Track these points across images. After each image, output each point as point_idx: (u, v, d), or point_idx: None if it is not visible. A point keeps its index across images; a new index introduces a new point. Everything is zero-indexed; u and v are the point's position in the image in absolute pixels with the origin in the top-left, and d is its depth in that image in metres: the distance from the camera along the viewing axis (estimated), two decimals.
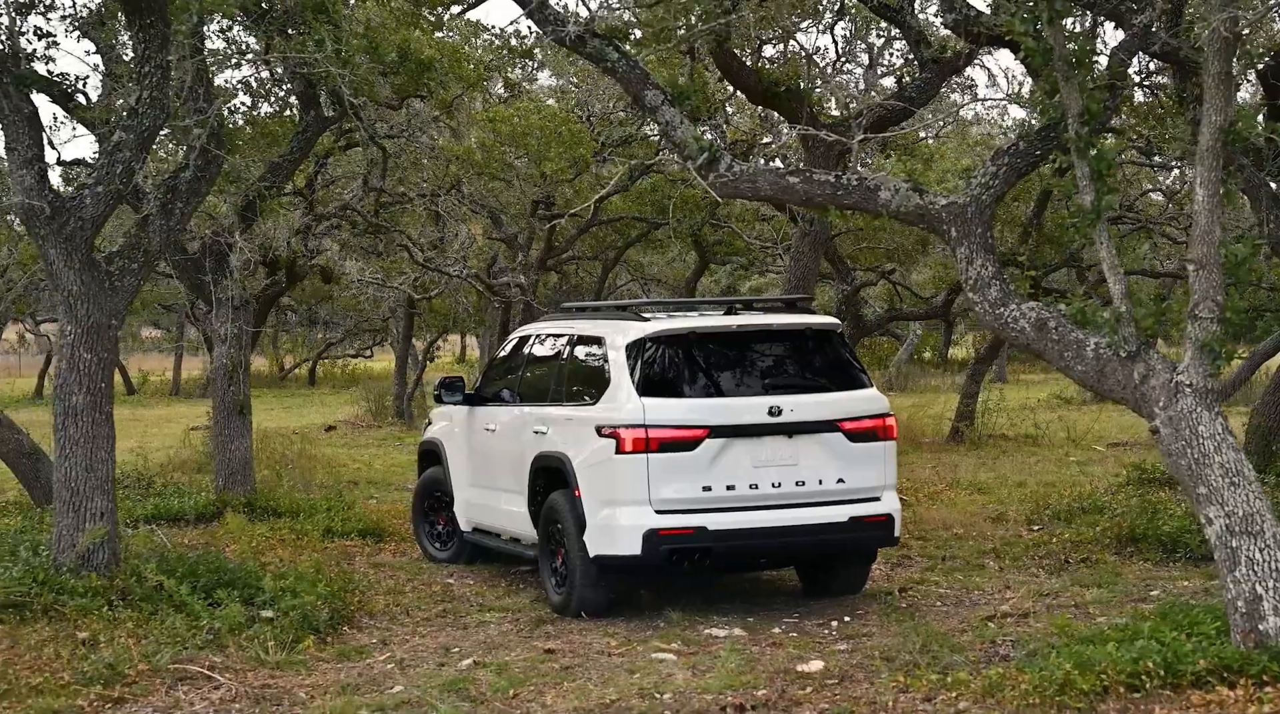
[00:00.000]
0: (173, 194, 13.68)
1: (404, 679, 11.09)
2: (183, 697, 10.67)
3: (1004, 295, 10.70)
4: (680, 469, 12.54)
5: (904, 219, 11.42)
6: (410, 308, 36.01)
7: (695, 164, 11.61)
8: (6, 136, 13.00)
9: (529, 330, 15.38)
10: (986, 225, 10.98)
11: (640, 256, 37.97)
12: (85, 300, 13.04)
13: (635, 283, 38.91)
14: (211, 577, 12.95)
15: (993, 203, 11.03)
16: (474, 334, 49.42)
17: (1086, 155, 9.67)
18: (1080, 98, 9.64)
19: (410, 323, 37.66)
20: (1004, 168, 11.05)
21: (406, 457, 27.88)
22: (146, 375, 58.01)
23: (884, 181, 11.35)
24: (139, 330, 72.90)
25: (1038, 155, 11.17)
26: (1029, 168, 11.35)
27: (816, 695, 10.03)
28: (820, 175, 11.51)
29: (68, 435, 13.11)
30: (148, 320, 66.82)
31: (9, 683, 10.60)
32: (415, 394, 36.69)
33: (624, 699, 10.28)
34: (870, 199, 11.33)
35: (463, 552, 15.80)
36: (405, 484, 23.02)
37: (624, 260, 36.50)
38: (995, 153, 11.21)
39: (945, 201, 11.03)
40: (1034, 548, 15.59)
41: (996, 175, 11.04)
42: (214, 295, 19.01)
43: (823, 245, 19.40)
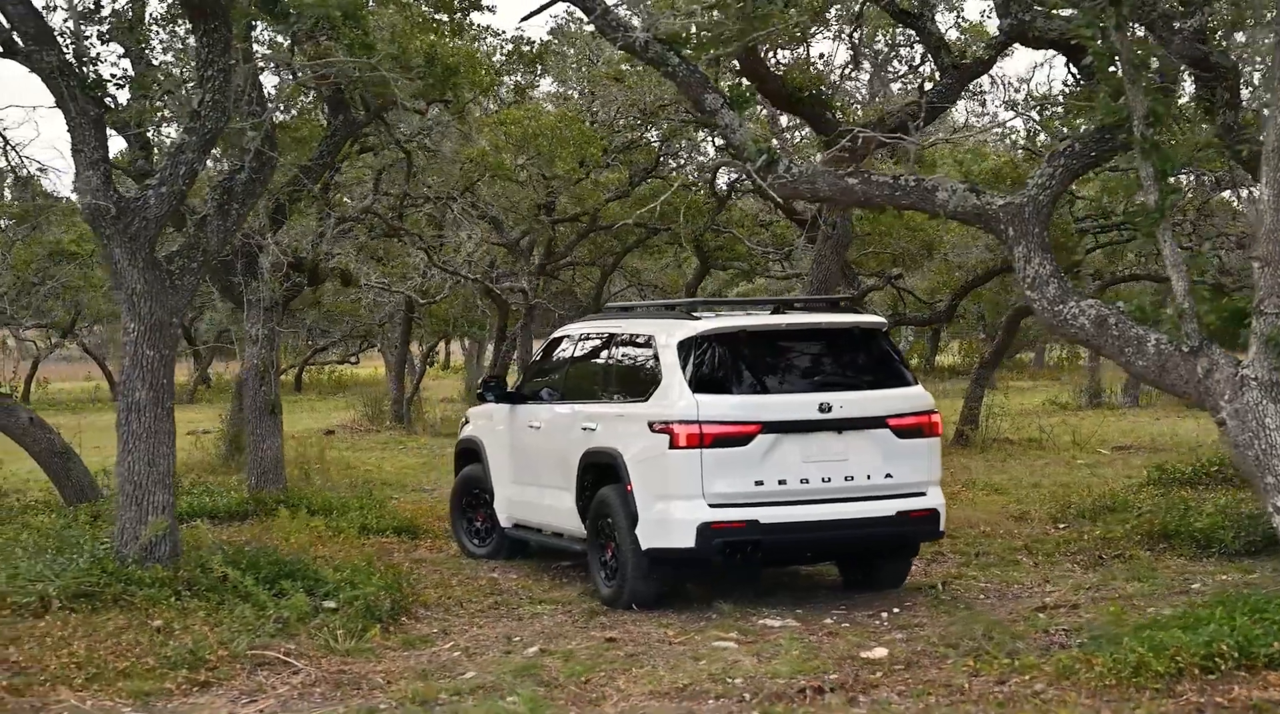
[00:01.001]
0: (228, 195, 13.95)
1: (473, 666, 11.38)
2: (264, 681, 10.96)
3: (1062, 293, 11.04)
4: (733, 464, 12.85)
5: (960, 219, 11.76)
6: (409, 312, 36.27)
7: (754, 166, 11.92)
8: (74, 139, 13.25)
9: (570, 330, 15.68)
10: (1043, 225, 11.33)
11: (637, 262, 38.27)
12: (148, 298, 13.30)
13: (632, 288, 39.15)
14: (272, 569, 13.24)
15: (1050, 203, 11.38)
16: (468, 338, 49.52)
17: (1151, 156, 10.01)
18: (1145, 100, 9.99)
19: (408, 328, 37.90)
20: (1060, 168, 11.40)
21: (414, 459, 28.20)
22: None
23: (941, 182, 11.68)
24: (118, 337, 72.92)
25: (1093, 156, 11.52)
26: (1084, 168, 11.70)
27: (888, 680, 10.35)
28: (878, 176, 11.85)
29: (131, 430, 13.36)
30: None
31: (97, 668, 10.88)
32: (414, 398, 36.94)
33: (696, 684, 10.57)
34: (927, 199, 11.67)
35: (502, 547, 16.09)
36: (423, 486, 23.31)
37: (620, 266, 36.79)
38: (1051, 154, 11.56)
39: (1002, 202, 11.37)
40: (1064, 545, 15.93)
41: (1053, 176, 11.38)
42: (245, 297, 19.27)
43: (845, 248, 19.73)
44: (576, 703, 10.30)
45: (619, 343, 14.28)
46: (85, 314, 46.41)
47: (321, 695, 10.67)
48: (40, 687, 10.59)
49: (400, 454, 29.58)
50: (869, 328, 13.72)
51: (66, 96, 13.16)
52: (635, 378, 13.82)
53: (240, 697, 10.64)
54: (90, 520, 16.48)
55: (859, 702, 9.78)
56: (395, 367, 38.31)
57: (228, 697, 10.64)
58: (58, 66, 13.10)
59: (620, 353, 14.21)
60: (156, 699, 10.51)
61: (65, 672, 10.82)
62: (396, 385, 37.40)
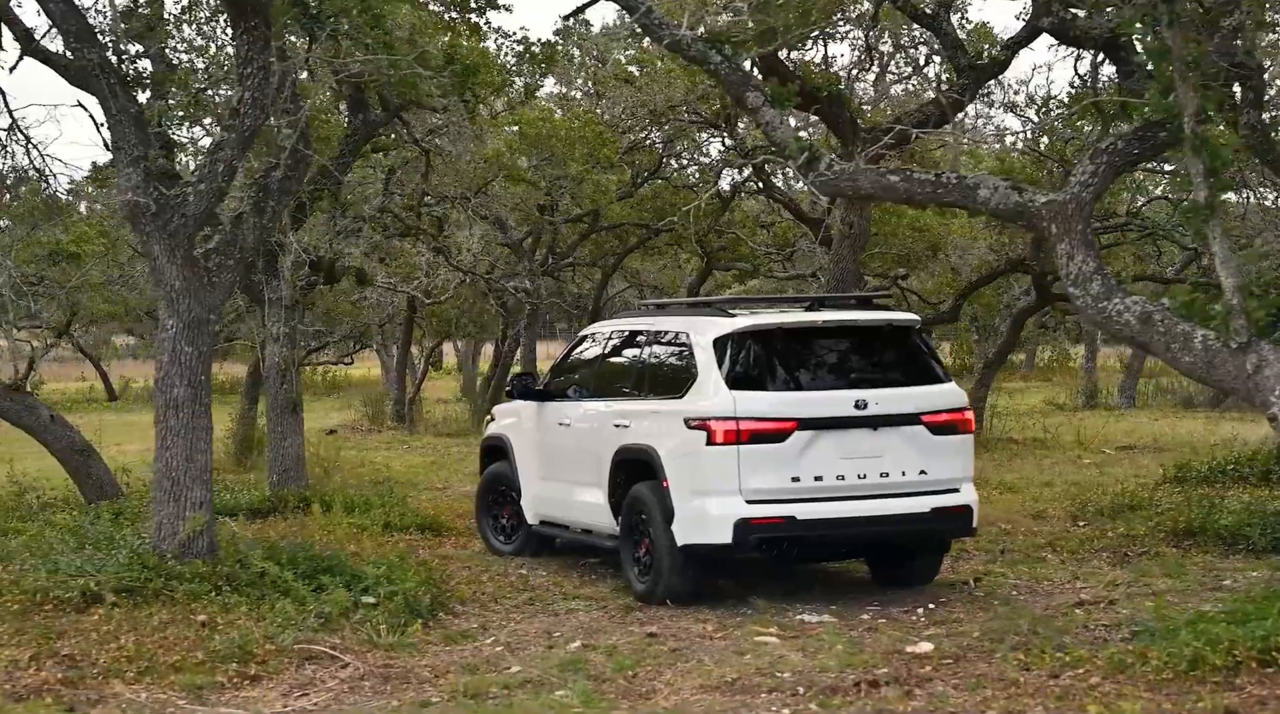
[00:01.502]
0: (264, 193, 14.02)
1: (517, 661, 11.44)
2: (313, 675, 11.02)
3: (1106, 289, 11.12)
4: (770, 460, 12.93)
5: (1002, 216, 11.85)
6: (411, 313, 36.30)
7: (796, 163, 12.00)
8: (114, 136, 13.32)
9: (599, 328, 15.77)
10: (1087, 222, 11.41)
11: (636, 263, 38.34)
12: (186, 296, 13.35)
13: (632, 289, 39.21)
14: (309, 564, 13.29)
15: (1092, 200, 11.47)
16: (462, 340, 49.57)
17: (1201, 152, 10.10)
18: (1195, 97, 10.09)
19: (410, 328, 37.94)
20: (1103, 166, 11.47)
21: (421, 459, 28.25)
22: (128, 381, 58.10)
23: (983, 179, 11.77)
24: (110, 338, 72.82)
25: (1135, 154, 11.61)
26: (1126, 166, 11.80)
27: (939, 673, 10.43)
28: (920, 174, 11.93)
29: (169, 427, 13.42)
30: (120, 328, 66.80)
31: (148, 661, 10.93)
32: (416, 398, 36.98)
33: (745, 678, 10.65)
34: (969, 196, 11.75)
35: (528, 545, 16.15)
36: (435, 485, 23.36)
37: (620, 267, 36.88)
38: (1094, 151, 11.63)
39: (1045, 199, 11.46)
40: (1088, 542, 16.02)
41: (1096, 173, 11.46)
42: (266, 295, 19.32)
43: (862, 247, 19.84)
44: (626, 697, 10.37)
45: (652, 340, 14.35)
46: (81, 315, 46.32)
47: (371, 689, 10.73)
48: (93, 680, 10.65)
49: (406, 453, 29.63)
50: (902, 325, 13.82)
51: (107, 93, 13.21)
52: (670, 375, 13.90)
53: (291, 690, 10.70)
54: (113, 517, 16.51)
55: (915, 695, 9.86)
56: (397, 367, 38.34)
57: (278, 690, 10.70)
58: (99, 63, 13.16)
59: (653, 350, 14.28)
60: (209, 692, 10.56)
61: (116, 665, 10.87)
62: (398, 386, 37.43)
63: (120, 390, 55.41)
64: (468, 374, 50.22)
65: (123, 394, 54.77)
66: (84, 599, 12.43)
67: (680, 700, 10.17)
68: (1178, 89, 10.13)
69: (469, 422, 35.66)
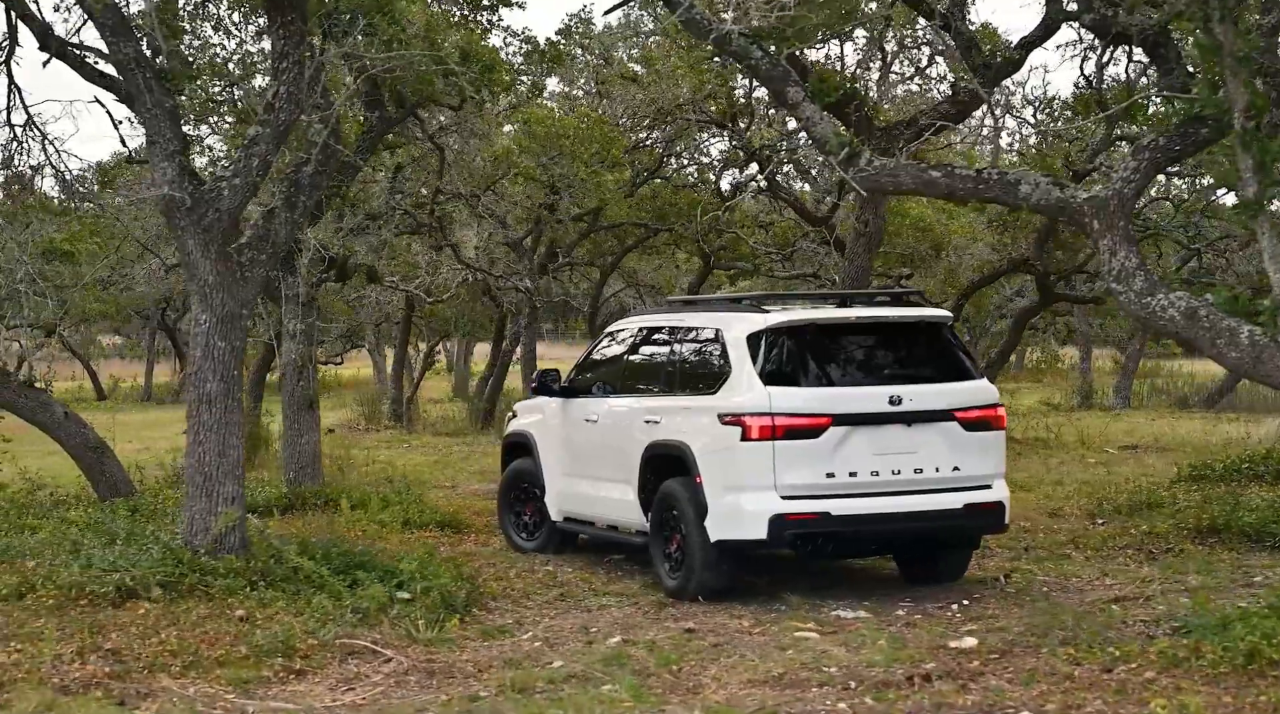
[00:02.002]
0: (295, 188, 14.01)
1: (558, 655, 11.43)
2: (357, 669, 11.01)
3: (1150, 285, 11.15)
4: (805, 456, 12.95)
5: (1043, 212, 11.88)
6: (409, 312, 36.28)
7: (837, 159, 12.02)
8: (149, 130, 13.31)
9: (625, 324, 15.76)
10: (1129, 218, 11.44)
11: (635, 263, 38.36)
12: (220, 290, 13.34)
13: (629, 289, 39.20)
14: (341, 560, 13.28)
15: (1135, 196, 11.51)
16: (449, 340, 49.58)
17: (1251, 147, 10.13)
18: (1245, 92, 10.12)
19: (408, 328, 37.92)
20: (1145, 162, 11.51)
21: (424, 457, 28.21)
22: (117, 381, 58.02)
23: (1024, 175, 11.80)
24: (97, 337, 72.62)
25: (1178, 150, 11.64)
26: (1169, 162, 11.83)
27: (990, 667, 10.45)
28: (962, 169, 11.96)
29: (201, 422, 13.40)
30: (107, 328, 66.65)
31: (192, 656, 10.91)
32: (414, 398, 36.97)
33: (791, 672, 10.65)
34: (1011, 192, 11.78)
35: (551, 541, 16.14)
36: (444, 483, 23.32)
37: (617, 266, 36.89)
38: (1136, 147, 11.67)
39: (1087, 195, 11.49)
40: (1110, 540, 16.06)
41: (1138, 169, 11.50)
42: (283, 292, 19.29)
43: (878, 246, 19.86)
44: (674, 691, 10.37)
45: (682, 336, 14.35)
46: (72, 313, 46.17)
47: (417, 684, 10.72)
48: (138, 674, 10.62)
49: (407, 452, 29.59)
50: (935, 321, 13.85)
51: (143, 88, 13.21)
52: (702, 370, 13.90)
53: (338, 684, 10.69)
54: (129, 514, 16.47)
55: (969, 689, 9.88)
56: (394, 366, 38.32)
57: (325, 684, 10.69)
58: (134, 58, 13.14)
59: (684, 346, 14.28)
60: (256, 687, 10.54)
61: (160, 660, 10.84)
62: (395, 385, 37.42)
63: (109, 390, 55.30)
64: (459, 374, 50.27)
65: (112, 394, 54.66)
66: (119, 594, 12.42)
67: (729, 695, 10.17)
68: (1228, 84, 10.16)
69: (466, 421, 35.70)
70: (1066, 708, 9.27)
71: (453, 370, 55.42)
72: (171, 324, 51.12)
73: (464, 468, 25.90)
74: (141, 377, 57.18)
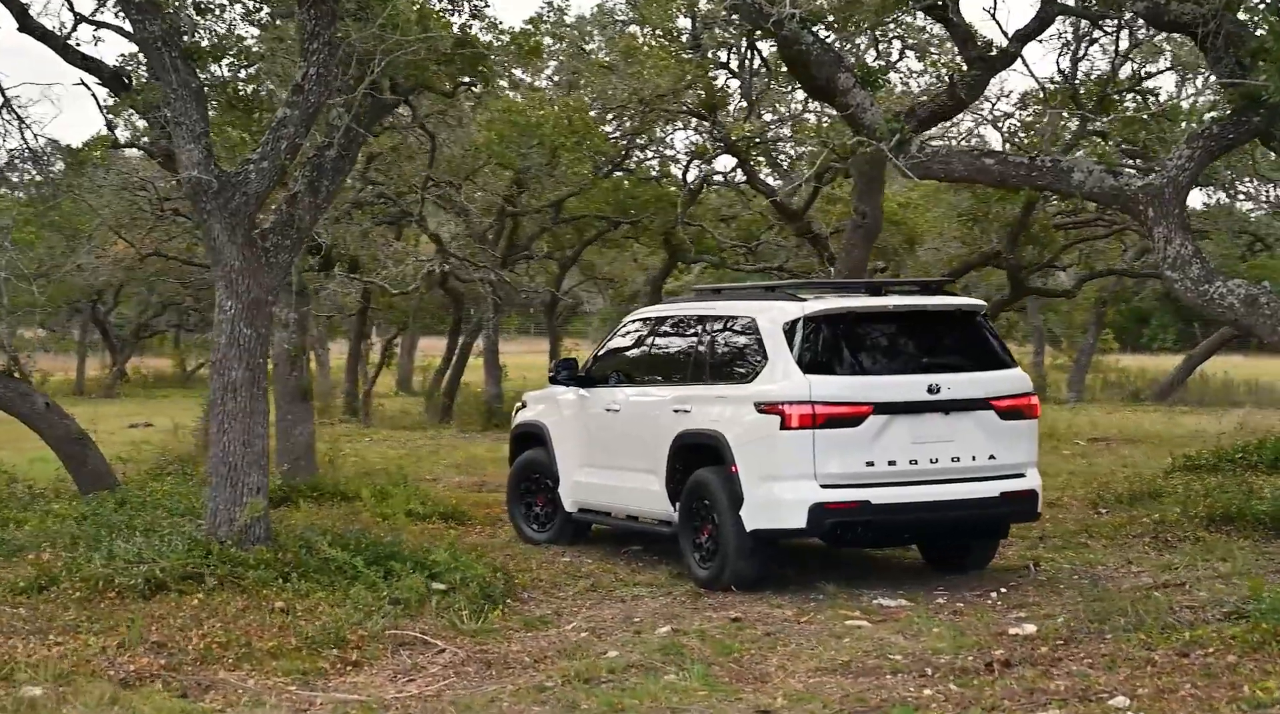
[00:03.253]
0: (318, 173, 13.78)
1: (610, 646, 11.27)
2: (413, 660, 10.84)
3: (1206, 273, 11.14)
4: (845, 444, 12.85)
5: (1096, 200, 11.84)
6: (365, 304, 35.93)
7: (888, 145, 11.92)
8: (174, 111, 13.05)
9: (647, 313, 15.61)
10: (1183, 205, 11.42)
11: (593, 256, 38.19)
12: (246, 276, 13.10)
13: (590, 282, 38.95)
14: (371, 551, 13.06)
15: (1189, 184, 11.49)
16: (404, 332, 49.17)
17: None
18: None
19: (364, 320, 37.57)
20: (1199, 150, 11.49)
21: (394, 451, 27.91)
22: (46, 376, 57.12)
23: (1077, 163, 11.78)
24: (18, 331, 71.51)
25: (1230, 139, 11.62)
26: (1221, 150, 11.81)
27: (1061, 653, 10.37)
28: (1014, 157, 11.90)
29: (225, 410, 13.15)
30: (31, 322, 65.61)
31: (243, 648, 10.69)
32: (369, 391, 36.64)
33: (856, 660, 10.56)
34: (1063, 180, 11.74)
35: (564, 533, 15.96)
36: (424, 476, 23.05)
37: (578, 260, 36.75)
38: (1189, 135, 11.65)
39: (1142, 182, 11.47)
40: (1121, 528, 16.03)
41: (1192, 158, 11.48)
42: None
43: (874, 238, 19.79)
44: (741, 679, 10.25)
45: (712, 325, 14.18)
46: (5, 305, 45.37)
47: (476, 675, 10.54)
48: (190, 666, 10.39)
49: (373, 447, 29.28)
50: (969, 310, 13.79)
51: (169, 67, 12.97)
52: (736, 359, 13.77)
53: (396, 676, 10.50)
54: (117, 506, 16.15)
55: (1053, 674, 9.80)
56: (349, 360, 37.99)
57: (384, 675, 10.50)
58: (160, 36, 12.88)
59: (715, 335, 14.10)
60: (315, 678, 10.34)
61: (211, 652, 10.63)
62: (350, 378, 37.08)
63: (39, 384, 54.38)
64: (403, 369, 49.85)
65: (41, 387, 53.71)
66: (148, 586, 12.16)
67: (804, 684, 10.05)
68: None
69: (423, 416, 35.45)
70: (1159, 693, 9.20)
71: (395, 365, 54.89)
72: (103, 317, 50.44)
73: (438, 462, 25.63)
74: (73, 371, 56.42)
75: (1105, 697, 9.19)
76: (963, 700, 9.31)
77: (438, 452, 27.60)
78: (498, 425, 32.69)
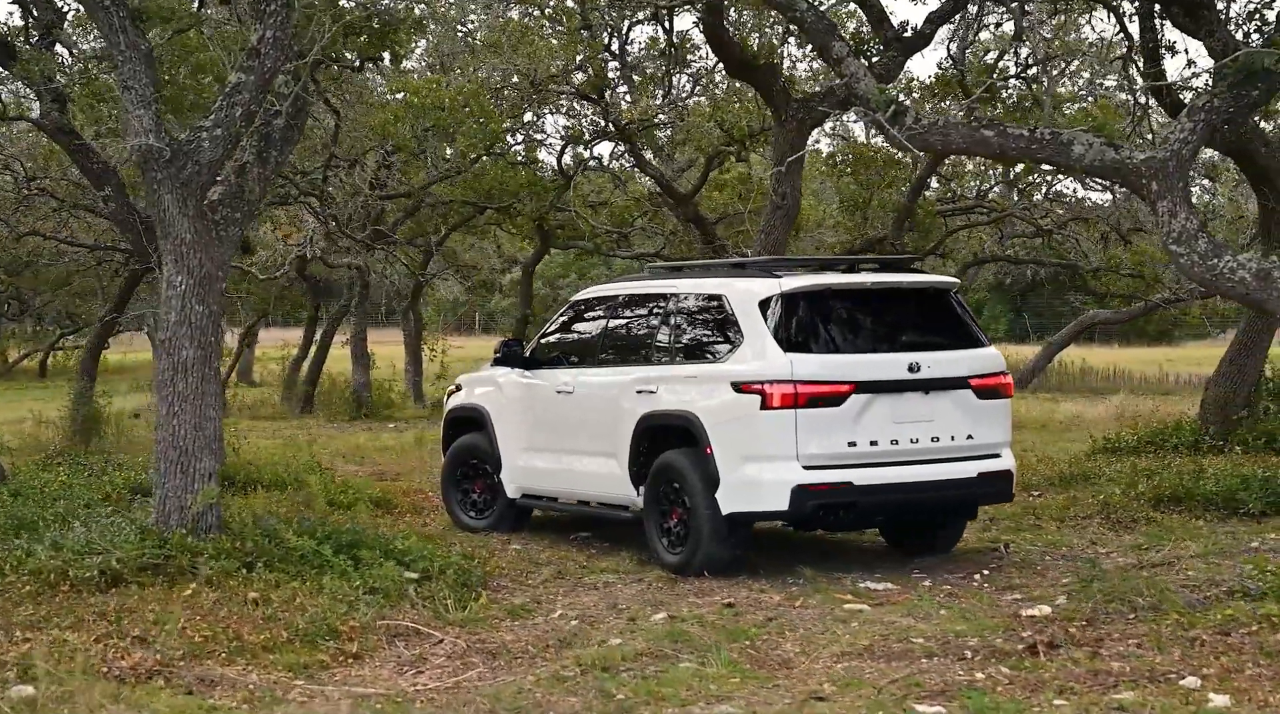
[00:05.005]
0: (266, 142, 13.16)
1: (608, 634, 10.81)
2: (413, 652, 10.33)
3: (1214, 247, 10.95)
4: (827, 424, 12.51)
5: (1097, 174, 11.64)
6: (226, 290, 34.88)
7: (884, 116, 11.59)
8: (122, 74, 12.33)
9: (595, 292, 15.12)
10: (1187, 179, 11.23)
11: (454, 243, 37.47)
12: (197, 250, 12.44)
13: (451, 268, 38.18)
14: (334, 539, 12.48)
15: (1191, 157, 11.30)
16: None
17: None
18: None
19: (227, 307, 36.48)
20: (1200, 123, 11.31)
21: (265, 441, 27.01)
22: None
23: (1077, 136, 11.52)
24: None
25: (1231, 112, 11.46)
26: (1223, 123, 11.65)
27: (1093, 633, 10.11)
28: (1014, 129, 11.63)
29: (176, 392, 12.47)
30: None
31: (236, 641, 10.09)
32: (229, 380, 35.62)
33: (879, 645, 10.23)
34: (1063, 153, 11.48)
35: (504, 519, 15.42)
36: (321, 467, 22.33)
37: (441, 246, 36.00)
38: (1190, 108, 11.46)
39: (1144, 156, 11.25)
40: (1066, 510, 15.84)
41: (1194, 130, 11.28)
42: None
43: (794, 218, 19.51)
44: (763, 666, 9.87)
45: (676, 303, 13.75)
46: None
47: (484, 665, 10.06)
48: (182, 662, 9.74)
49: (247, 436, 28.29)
50: (944, 287, 13.53)
51: (117, 28, 12.24)
52: (706, 338, 13.37)
53: (402, 668, 10.00)
54: (12, 497, 15.40)
55: (1101, 655, 9.52)
56: None
57: (388, 667, 9.99)
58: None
59: (680, 313, 13.68)
60: (317, 672, 9.80)
61: (201, 647, 10.01)
62: None
63: None
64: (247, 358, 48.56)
65: None
66: (103, 578, 11.46)
67: (836, 669, 9.69)
68: None
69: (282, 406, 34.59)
70: (1226, 672, 8.97)
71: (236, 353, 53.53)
72: None
73: (319, 451, 24.81)
74: None
75: (1174, 677, 8.93)
76: (1027, 683, 8.99)
77: (315, 441, 26.76)
78: (367, 415, 32.01)
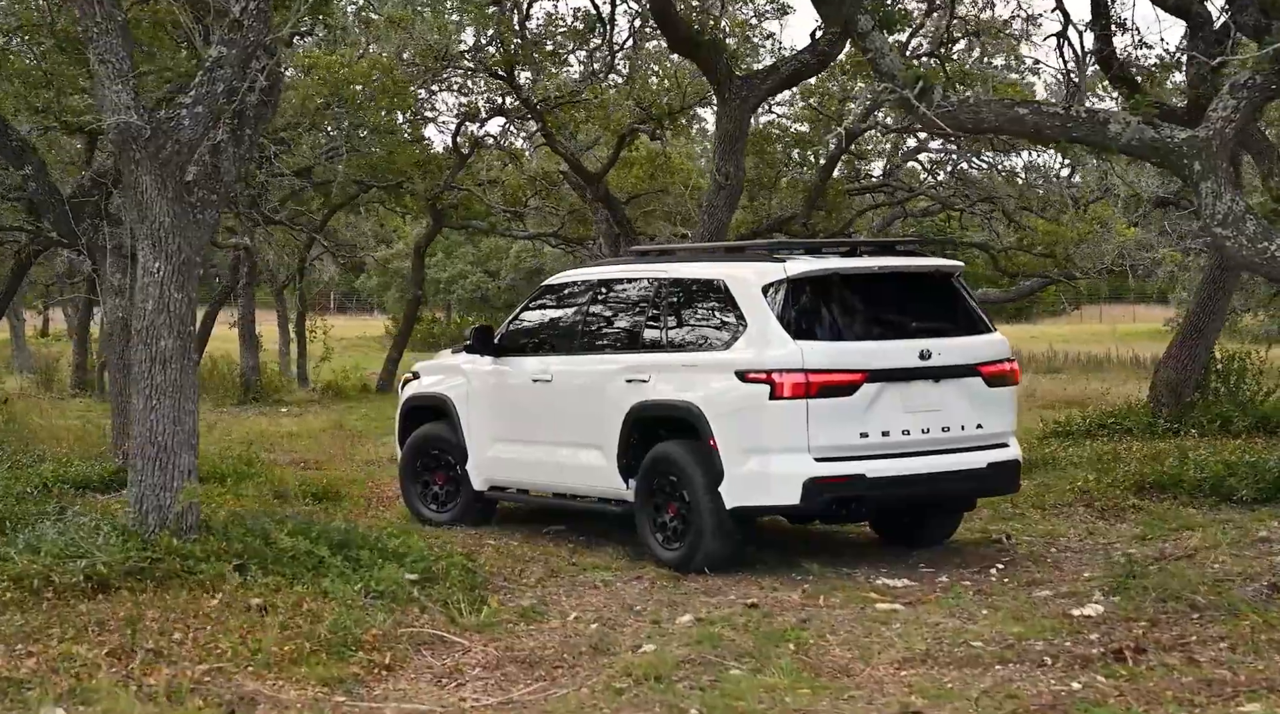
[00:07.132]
0: (240, 120, 12.38)
1: (639, 639, 10.25)
2: (439, 660, 9.75)
3: (1263, 230, 10.61)
4: (839, 415, 12.03)
5: (1135, 153, 11.22)
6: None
7: (912, 93, 11.09)
8: (98, 48, 11.50)
9: (572, 276, 14.47)
10: (1229, 159, 10.89)
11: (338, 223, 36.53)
12: (176, 234, 11.66)
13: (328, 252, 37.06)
14: (325, 538, 11.77)
15: (1234, 136, 10.95)
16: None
17: None
18: None
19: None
20: (1244, 100, 10.93)
21: None
22: None
23: (1114, 114, 11.12)
24: None
25: (1274, 88, 11.12)
26: (1265, 100, 11.32)
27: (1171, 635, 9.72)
28: (1049, 107, 11.19)
29: (154, 384, 11.68)
30: None
31: (257, 653, 9.40)
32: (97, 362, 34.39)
33: (937, 649, 9.77)
34: (1100, 132, 11.07)
35: (468, 513, 14.75)
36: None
37: None
38: (1232, 86, 11.08)
39: (1185, 135, 10.87)
40: (1043, 498, 15.48)
41: (1238, 108, 10.92)
42: (96, 243, 17.32)
43: (737, 200, 19.02)
44: (823, 674, 9.36)
45: (668, 288, 13.17)
46: None
47: (524, 676, 9.45)
48: (207, 678, 9.03)
49: None
50: (948, 271, 13.08)
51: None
52: (705, 325, 12.79)
53: (439, 680, 9.39)
54: None
55: (1197, 661, 9.10)
56: (79, 329, 35.70)
57: (424, 679, 9.39)
58: None
59: (674, 299, 13.10)
60: (353, 685, 9.13)
61: (220, 658, 9.29)
62: (79, 350, 34.80)
63: None
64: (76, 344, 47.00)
65: None
66: (90, 584, 10.67)
67: (912, 675, 9.22)
68: None
69: None
70: None
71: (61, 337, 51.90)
72: None
73: (221, 439, 23.93)
74: None
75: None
76: (1140, 694, 8.52)
77: (214, 428, 25.74)
78: (255, 399, 30.98)
